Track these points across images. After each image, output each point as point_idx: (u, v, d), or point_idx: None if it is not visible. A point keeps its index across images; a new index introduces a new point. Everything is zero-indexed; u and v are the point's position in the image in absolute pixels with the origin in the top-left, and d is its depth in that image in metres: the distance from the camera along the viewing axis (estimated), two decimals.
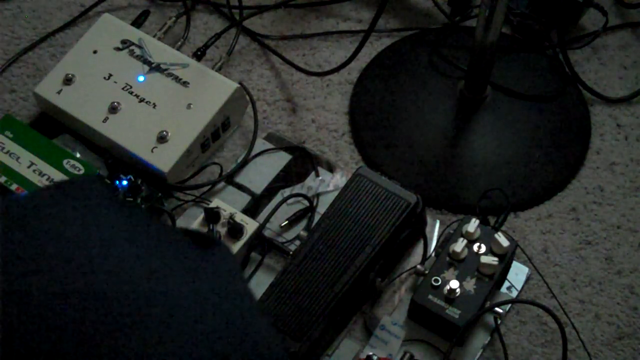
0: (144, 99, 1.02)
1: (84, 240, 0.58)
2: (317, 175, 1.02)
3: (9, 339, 0.53)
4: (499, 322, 0.90)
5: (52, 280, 0.55)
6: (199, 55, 1.11)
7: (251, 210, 0.99)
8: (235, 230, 0.93)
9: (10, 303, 0.54)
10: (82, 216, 0.60)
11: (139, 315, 0.55)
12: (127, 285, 0.56)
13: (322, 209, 0.97)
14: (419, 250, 0.95)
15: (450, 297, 0.86)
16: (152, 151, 0.98)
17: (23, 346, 0.53)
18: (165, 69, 1.03)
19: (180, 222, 0.97)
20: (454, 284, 0.86)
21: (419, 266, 0.91)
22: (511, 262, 0.92)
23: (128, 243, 0.59)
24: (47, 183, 0.96)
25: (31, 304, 0.54)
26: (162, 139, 0.99)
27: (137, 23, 1.16)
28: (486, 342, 0.90)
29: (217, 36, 1.14)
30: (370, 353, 0.86)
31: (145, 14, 1.18)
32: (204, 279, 0.60)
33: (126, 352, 0.54)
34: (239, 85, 1.03)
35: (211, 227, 0.93)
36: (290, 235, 0.97)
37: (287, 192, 1.00)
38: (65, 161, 0.98)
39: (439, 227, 0.98)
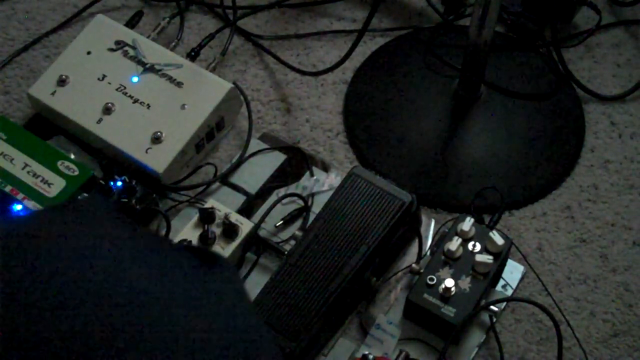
0: (138, 100, 1.01)
1: (90, 261, 0.58)
2: (312, 175, 1.02)
3: (9, 349, 0.53)
4: (494, 320, 0.90)
5: (54, 298, 0.55)
6: (192, 55, 1.10)
7: (246, 211, 0.99)
8: (230, 230, 0.93)
9: (13, 316, 0.54)
10: (88, 236, 0.60)
11: (147, 335, 0.55)
12: (136, 305, 0.56)
13: (317, 208, 0.97)
14: (414, 249, 0.95)
15: (446, 296, 0.86)
16: (146, 152, 0.98)
17: (24, 356, 0.53)
18: (159, 70, 1.03)
19: (175, 223, 0.97)
20: (449, 282, 0.86)
21: (414, 265, 0.91)
22: (506, 261, 0.92)
23: (133, 263, 0.59)
24: (41, 184, 0.95)
25: (35, 316, 0.54)
26: (156, 139, 0.99)
27: (131, 24, 1.16)
28: (481, 340, 0.90)
29: (211, 36, 1.14)
30: (366, 352, 0.86)
31: (139, 15, 1.18)
32: (209, 300, 0.60)
33: None
34: (233, 86, 1.03)
35: (206, 228, 0.93)
36: (285, 235, 0.97)
37: (282, 192, 1.00)
38: (59, 162, 0.98)
39: (434, 226, 0.98)
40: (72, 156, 1.00)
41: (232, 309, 0.61)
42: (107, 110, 1.01)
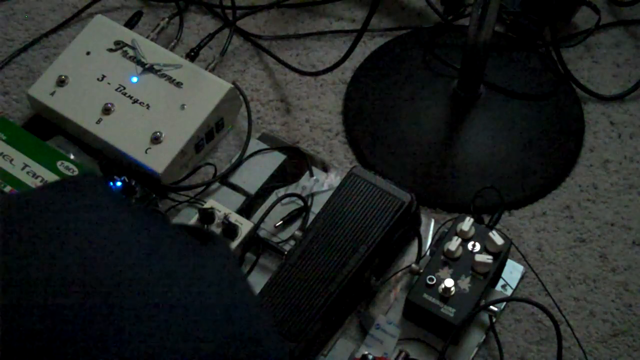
0: (137, 100, 1.01)
1: (87, 235, 0.58)
2: (312, 175, 1.02)
3: (9, 328, 0.53)
4: (493, 320, 0.90)
5: (53, 274, 0.55)
6: (192, 55, 1.11)
7: (246, 211, 0.99)
8: (229, 230, 0.93)
9: (12, 294, 0.54)
10: (85, 212, 0.61)
11: (141, 310, 0.55)
12: (130, 280, 0.56)
13: (316, 208, 0.97)
14: (413, 249, 0.95)
15: (445, 296, 0.86)
16: (146, 152, 0.98)
17: (23, 336, 0.53)
18: (159, 70, 1.03)
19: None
20: (449, 282, 0.86)
21: (413, 265, 0.91)
22: (506, 261, 0.92)
23: (130, 238, 0.60)
24: (40, 184, 0.95)
25: (32, 295, 0.54)
26: (156, 139, 0.99)
27: (130, 24, 1.16)
28: (481, 340, 0.90)
29: (210, 37, 1.14)
30: (366, 352, 0.86)
31: (138, 15, 1.18)
32: (204, 274, 0.60)
33: (129, 344, 0.54)
34: (232, 86, 1.03)
35: (206, 228, 0.93)
36: (284, 235, 0.97)
37: (281, 192, 1.00)
38: (59, 163, 0.98)
39: (434, 226, 0.98)
40: (72, 156, 1.00)
41: (227, 283, 0.61)
42: (107, 110, 1.01)
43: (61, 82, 1.03)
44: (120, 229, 0.60)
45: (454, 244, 0.88)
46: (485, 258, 0.87)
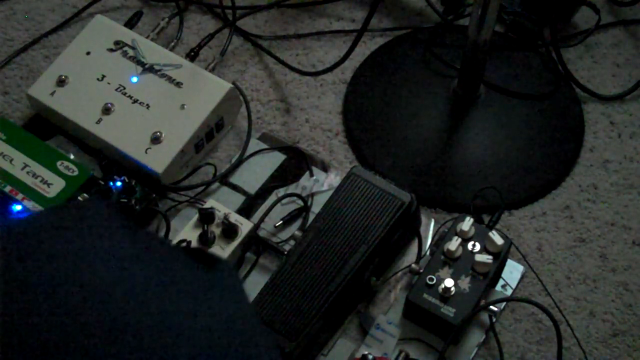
0: (137, 100, 1.01)
1: (90, 262, 0.58)
2: (312, 175, 1.02)
3: (9, 350, 0.53)
4: (493, 320, 0.90)
5: (54, 299, 0.55)
6: (192, 55, 1.11)
7: (246, 211, 0.99)
8: (229, 230, 0.93)
9: (13, 320, 0.54)
10: (88, 237, 0.60)
11: (147, 337, 0.55)
12: (135, 307, 0.56)
13: (316, 208, 0.97)
14: (413, 249, 0.95)
15: (445, 296, 0.86)
16: (146, 152, 0.98)
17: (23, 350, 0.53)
18: (159, 70, 1.03)
19: (175, 223, 0.97)
20: (449, 282, 0.86)
21: (413, 265, 0.91)
22: (505, 260, 0.92)
23: (133, 265, 0.60)
24: (40, 184, 0.95)
25: (35, 320, 0.54)
26: (155, 139, 0.99)
27: (130, 24, 1.16)
28: (481, 340, 0.90)
29: (210, 36, 1.14)
30: (366, 352, 0.86)
31: (138, 15, 1.18)
32: (209, 301, 0.60)
33: None
34: (232, 86, 1.03)
35: (206, 228, 0.93)
36: (284, 235, 0.97)
37: (281, 192, 1.00)
38: (59, 163, 0.98)
39: (434, 226, 0.98)
40: (72, 156, 1.00)
41: (232, 310, 0.61)
42: (107, 110, 1.01)
43: (61, 82, 1.03)
44: (122, 257, 0.60)
45: (454, 244, 0.88)
46: (485, 258, 0.87)
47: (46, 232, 0.60)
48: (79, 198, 0.96)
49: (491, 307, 0.88)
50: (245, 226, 0.94)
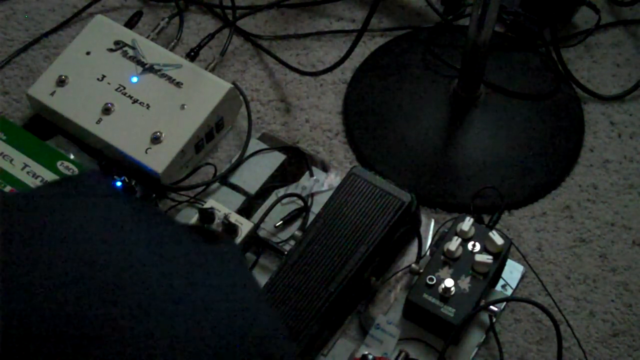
0: (137, 100, 1.01)
1: (89, 234, 0.58)
2: (312, 175, 1.02)
3: (9, 327, 0.53)
4: (493, 320, 0.90)
5: (56, 271, 0.55)
6: (192, 55, 1.11)
7: (246, 211, 0.99)
8: (229, 230, 0.93)
9: (12, 294, 0.54)
10: (86, 210, 0.60)
11: (146, 305, 0.55)
12: (132, 278, 0.56)
13: (316, 208, 0.97)
14: (413, 249, 0.95)
15: (445, 296, 0.86)
16: (146, 152, 0.98)
17: (23, 335, 0.53)
18: (159, 70, 1.03)
19: None
20: (449, 282, 0.86)
21: (413, 265, 0.91)
22: (505, 260, 0.92)
23: (134, 236, 0.60)
24: (41, 184, 0.95)
25: (33, 294, 0.54)
26: (155, 139, 0.99)
27: (130, 24, 1.16)
28: (481, 340, 0.90)
29: (210, 37, 1.14)
30: (366, 352, 0.86)
31: (138, 15, 1.18)
32: (210, 273, 0.60)
33: (132, 341, 0.54)
34: (232, 86, 1.03)
35: (206, 228, 0.93)
36: (284, 235, 0.97)
37: (281, 192, 1.00)
38: (59, 163, 0.98)
39: (434, 226, 0.98)
40: (72, 156, 1.00)
41: (234, 282, 0.61)
42: (107, 110, 1.01)
43: (61, 82, 1.03)
44: (122, 227, 0.60)
45: (454, 244, 0.88)
46: (485, 258, 0.87)
47: (45, 203, 0.60)
48: None
49: (491, 307, 0.88)
50: (245, 226, 0.94)
